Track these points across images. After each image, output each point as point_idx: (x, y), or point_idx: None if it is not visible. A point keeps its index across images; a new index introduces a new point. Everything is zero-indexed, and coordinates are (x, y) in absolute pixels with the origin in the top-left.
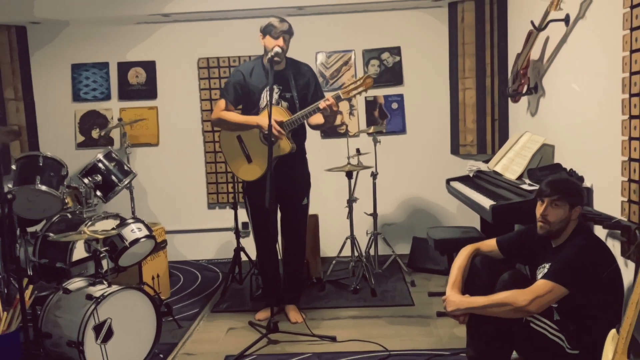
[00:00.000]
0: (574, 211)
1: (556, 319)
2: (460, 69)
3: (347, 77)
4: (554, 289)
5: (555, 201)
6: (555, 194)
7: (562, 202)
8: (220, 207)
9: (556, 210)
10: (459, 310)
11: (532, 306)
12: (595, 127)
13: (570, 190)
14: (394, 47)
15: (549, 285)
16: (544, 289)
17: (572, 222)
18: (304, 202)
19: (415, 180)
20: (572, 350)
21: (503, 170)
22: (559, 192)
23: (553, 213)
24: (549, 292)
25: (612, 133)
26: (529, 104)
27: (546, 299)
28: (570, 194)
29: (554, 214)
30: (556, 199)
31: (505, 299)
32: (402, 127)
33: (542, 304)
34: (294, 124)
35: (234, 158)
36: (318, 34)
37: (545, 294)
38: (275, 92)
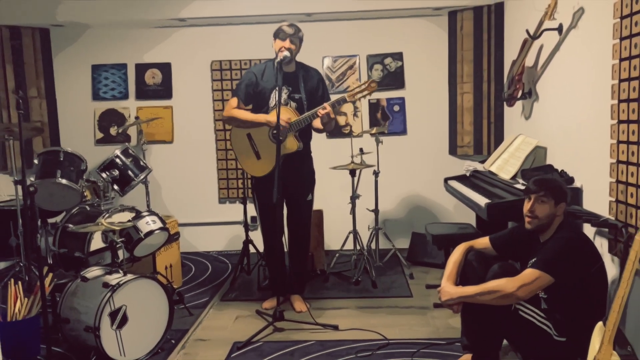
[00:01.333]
0: (559, 207)
1: (544, 307)
2: (459, 74)
3: (351, 80)
4: (540, 277)
5: (542, 197)
6: (541, 191)
7: (548, 198)
8: (230, 202)
9: (542, 206)
10: (452, 300)
11: (520, 292)
12: (586, 131)
13: (556, 187)
14: (397, 53)
15: (536, 274)
16: (530, 277)
17: (558, 218)
18: (309, 198)
19: (415, 179)
20: (559, 337)
21: (498, 170)
22: (544, 189)
23: (540, 208)
24: (536, 279)
25: (601, 136)
26: (523, 108)
27: (533, 286)
28: (556, 191)
29: (541, 209)
30: (542, 195)
31: (494, 287)
32: (403, 129)
33: (529, 291)
34: (301, 124)
35: (244, 155)
36: (325, 39)
37: (531, 282)
38: (285, 92)
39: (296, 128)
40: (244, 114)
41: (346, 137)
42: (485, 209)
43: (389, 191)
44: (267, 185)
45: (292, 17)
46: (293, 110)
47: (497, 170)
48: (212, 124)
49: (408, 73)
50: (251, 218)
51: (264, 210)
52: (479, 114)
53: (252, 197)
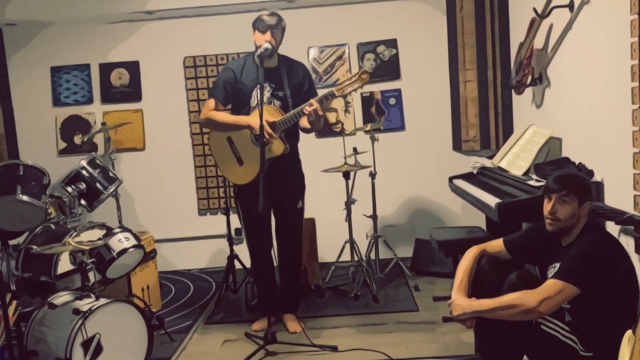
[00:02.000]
0: (584, 207)
1: (568, 320)
2: (460, 60)
3: (341, 72)
4: (565, 288)
5: (564, 197)
6: (563, 190)
7: (571, 197)
8: (211, 213)
9: (565, 207)
10: (466, 314)
11: (542, 307)
12: (604, 118)
13: (579, 185)
14: (390, 40)
15: (559, 285)
16: (554, 289)
17: (582, 219)
18: (299, 206)
19: (416, 179)
20: (585, 353)
21: (508, 166)
22: (567, 188)
23: (562, 210)
24: (560, 292)
25: (622, 124)
26: (533, 95)
27: (557, 300)
28: (579, 189)
29: (563, 211)
30: (564, 195)
31: (513, 301)
32: (401, 124)
33: (553, 305)
34: (286, 124)
35: (225, 161)
36: (309, 27)
37: (555, 294)
38: (267, 90)
39: (281, 129)
40: (223, 115)
41: (337, 136)
42: (496, 210)
43: (388, 194)
44: (251, 194)
45: (272, 5)
46: (277, 110)
47: (507, 166)
48: (188, 127)
49: (404, 62)
50: (235, 230)
51: (249, 221)
52: (484, 104)
53: (236, 207)
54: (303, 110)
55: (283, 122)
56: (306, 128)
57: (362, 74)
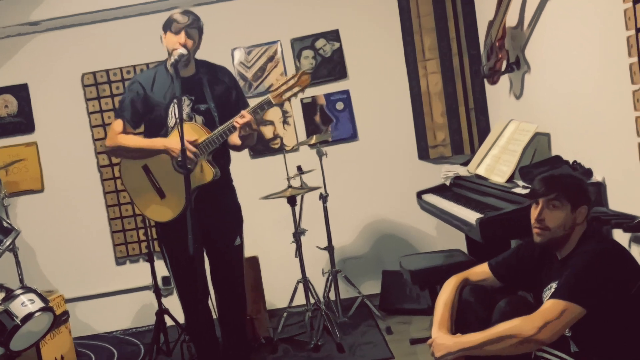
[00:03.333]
0: (579, 212)
1: (574, 350)
2: (418, 49)
3: (274, 76)
4: (568, 309)
5: (552, 201)
6: (552, 192)
7: (561, 201)
8: (131, 261)
9: (555, 213)
10: (451, 354)
11: (543, 334)
12: (600, 104)
13: (570, 186)
14: (331, 32)
15: (561, 306)
16: (554, 311)
17: (579, 227)
18: (237, 243)
19: (377, 199)
20: None
21: (488, 172)
22: (555, 189)
23: (551, 216)
24: (562, 314)
25: (621, 109)
26: (511, 84)
27: (559, 324)
28: (571, 191)
29: (553, 218)
30: (553, 198)
31: (507, 331)
32: (353, 132)
33: (555, 331)
34: (214, 144)
35: (142, 195)
36: (232, 25)
37: (557, 317)
38: (186, 104)
39: (208, 149)
40: (134, 140)
41: (277, 153)
42: (478, 227)
43: (345, 220)
44: (178, 233)
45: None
46: (201, 127)
47: (486, 173)
48: (94, 159)
49: (350, 57)
50: (163, 280)
51: (178, 267)
52: (452, 99)
53: (161, 251)
54: (233, 124)
55: (210, 142)
56: (236, 145)
57: (301, 75)
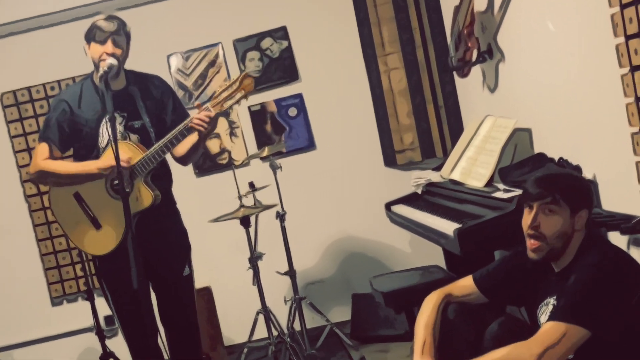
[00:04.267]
0: (579, 217)
1: None
2: (376, 42)
3: (218, 82)
4: (569, 332)
5: (549, 205)
6: (548, 195)
7: (560, 205)
8: (69, 301)
9: (552, 219)
10: None
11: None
12: (585, 92)
13: (570, 187)
14: (278, 29)
15: (562, 328)
16: (555, 335)
17: (578, 234)
18: (186, 273)
19: (341, 214)
20: None
21: (464, 177)
22: (553, 192)
23: (548, 223)
24: (563, 337)
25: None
26: (484, 76)
27: (561, 349)
28: (570, 193)
29: (549, 224)
30: (550, 202)
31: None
32: (309, 141)
33: (557, 356)
34: (152, 162)
35: (75, 226)
36: (165, 29)
37: (558, 342)
38: (118, 121)
39: (145, 170)
40: (63, 165)
41: (225, 169)
42: (456, 239)
43: (306, 239)
44: (119, 266)
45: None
46: (136, 146)
47: (462, 178)
48: (20, 187)
49: (301, 56)
50: (105, 319)
51: (122, 305)
52: (418, 96)
53: (101, 287)
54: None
55: (147, 160)
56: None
57: (244, 78)
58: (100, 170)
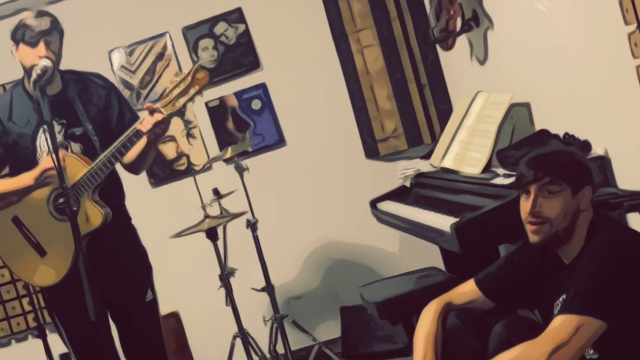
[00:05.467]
0: (582, 195)
1: None
2: (346, 18)
3: (169, 77)
4: (583, 324)
5: (547, 186)
6: (545, 175)
7: (559, 185)
8: (18, 340)
9: (552, 201)
10: None
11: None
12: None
13: (566, 164)
14: (232, 12)
15: (574, 322)
16: (567, 329)
17: (584, 215)
18: (149, 298)
19: (321, 216)
20: None
21: (457, 163)
22: (549, 171)
23: (549, 205)
24: (576, 331)
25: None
26: (471, 46)
27: (575, 345)
28: (568, 170)
29: (551, 207)
30: (548, 183)
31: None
32: (278, 137)
33: (571, 354)
34: (100, 175)
35: (16, 255)
36: (104, 21)
37: (571, 337)
38: (57, 130)
39: (92, 185)
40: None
41: (184, 176)
42: (454, 235)
43: (283, 249)
44: (71, 296)
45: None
46: (78, 158)
47: (455, 165)
48: None
49: (260, 40)
50: (61, 358)
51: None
52: (398, 76)
53: (53, 321)
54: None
55: (94, 174)
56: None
57: (196, 72)
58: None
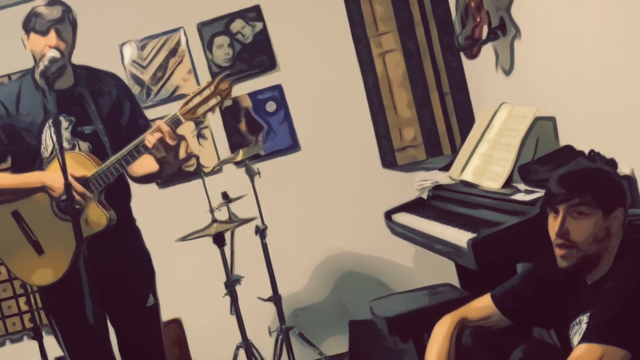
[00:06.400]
0: (614, 218)
1: None
2: (368, 20)
3: (181, 74)
4: (607, 354)
5: (577, 207)
6: (575, 195)
7: (590, 206)
8: (13, 341)
9: (582, 223)
10: None
11: None
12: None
13: (600, 183)
14: (250, 9)
15: (597, 351)
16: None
17: (615, 237)
18: (150, 303)
19: (333, 226)
20: None
21: (477, 177)
22: (580, 191)
23: (577, 227)
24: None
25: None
26: (497, 56)
27: None
28: (601, 191)
29: (580, 229)
30: (578, 204)
31: None
32: (292, 141)
33: None
34: (108, 178)
35: (13, 251)
36: (116, 13)
37: None
38: (64, 126)
39: (100, 186)
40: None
41: (193, 178)
42: (471, 251)
43: (293, 257)
44: (69, 297)
45: None
46: (87, 157)
47: (475, 178)
48: None
49: (278, 40)
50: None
51: (74, 343)
52: (420, 83)
53: (49, 323)
54: (142, 143)
55: (102, 176)
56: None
57: (220, 82)
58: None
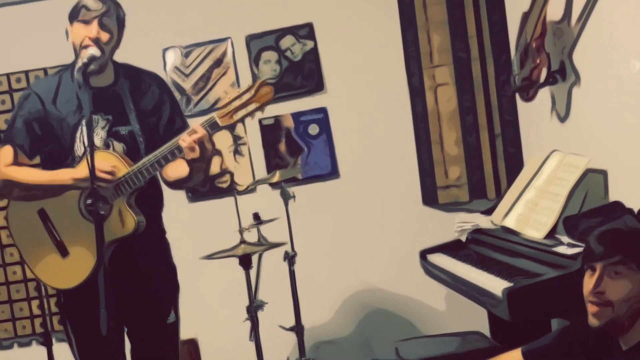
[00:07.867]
0: None
1: None
2: (423, 51)
3: (224, 87)
4: None
5: (616, 266)
6: (615, 254)
7: (628, 266)
8: (21, 345)
9: (618, 283)
10: None
11: None
12: None
13: None
14: (302, 26)
15: None
16: None
17: None
18: (171, 320)
19: (365, 259)
20: None
21: (520, 225)
22: (620, 250)
23: (614, 287)
24: None
25: None
26: (553, 101)
27: None
28: None
29: (616, 289)
30: (617, 262)
31: None
32: (332, 167)
33: None
34: (139, 180)
35: (36, 251)
36: (162, 17)
37: None
38: (101, 125)
39: (131, 188)
40: (30, 173)
41: (225, 195)
42: (506, 301)
43: (319, 288)
44: (86, 304)
45: None
46: (119, 157)
47: (517, 225)
48: None
49: (328, 61)
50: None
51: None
52: (470, 121)
53: (64, 329)
54: (176, 145)
55: (134, 177)
56: (180, 178)
57: (260, 87)
58: (75, 181)
